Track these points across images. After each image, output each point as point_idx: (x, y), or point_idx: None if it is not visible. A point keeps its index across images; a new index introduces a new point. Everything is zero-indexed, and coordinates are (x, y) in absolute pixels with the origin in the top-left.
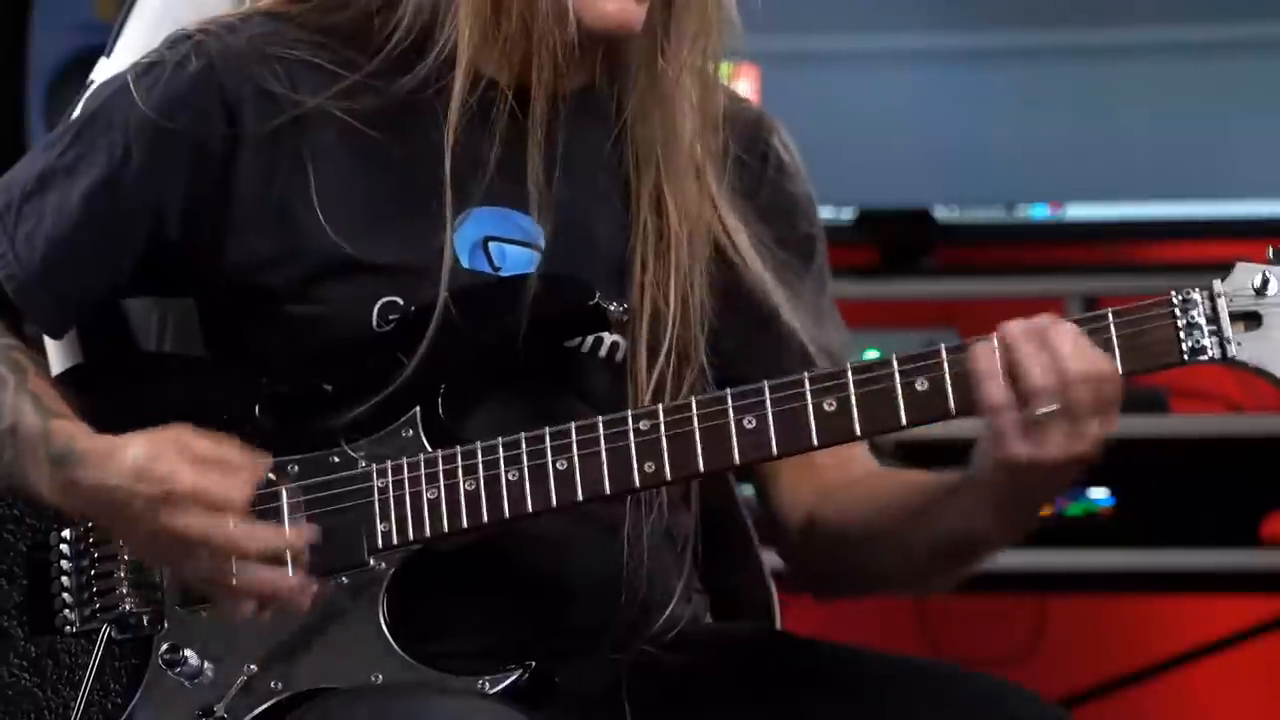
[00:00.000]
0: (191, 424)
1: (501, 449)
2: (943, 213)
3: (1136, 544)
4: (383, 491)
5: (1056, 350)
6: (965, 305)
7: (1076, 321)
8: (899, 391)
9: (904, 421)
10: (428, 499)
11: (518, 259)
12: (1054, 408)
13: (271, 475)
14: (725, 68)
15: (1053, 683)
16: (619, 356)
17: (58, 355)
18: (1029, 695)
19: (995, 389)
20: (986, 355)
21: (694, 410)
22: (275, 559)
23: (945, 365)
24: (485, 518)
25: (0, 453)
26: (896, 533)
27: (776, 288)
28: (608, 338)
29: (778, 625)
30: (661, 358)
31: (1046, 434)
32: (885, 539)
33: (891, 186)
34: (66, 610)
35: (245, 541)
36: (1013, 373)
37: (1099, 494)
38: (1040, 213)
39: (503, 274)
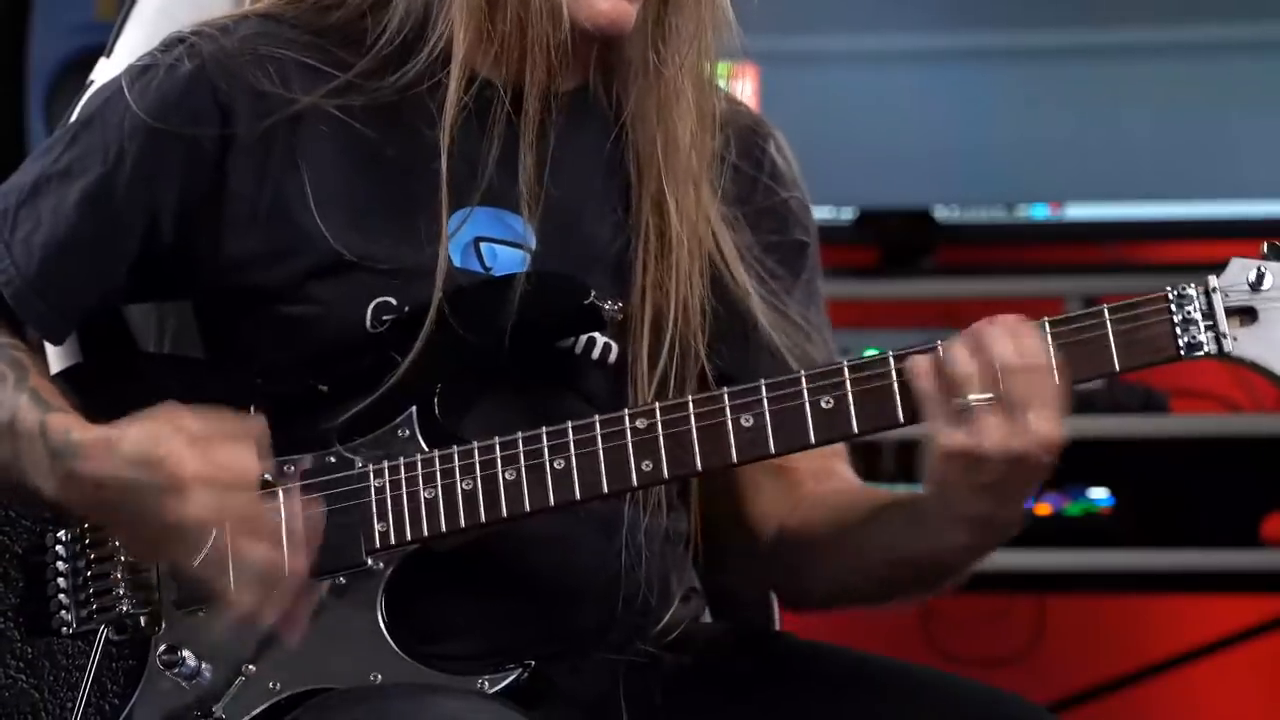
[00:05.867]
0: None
1: (499, 448)
2: (943, 213)
3: (1136, 544)
4: (380, 491)
5: (983, 342)
6: (965, 305)
7: (1071, 317)
8: (895, 389)
9: (901, 419)
10: (425, 499)
11: (508, 259)
12: (986, 397)
13: (268, 476)
14: (724, 68)
15: (1052, 683)
16: (611, 358)
17: (56, 354)
18: (1023, 702)
19: (924, 379)
20: (923, 357)
21: (691, 409)
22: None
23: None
24: (483, 517)
25: None
26: (851, 545)
27: (759, 298)
28: (599, 339)
29: (777, 626)
30: (663, 359)
31: (981, 423)
32: (842, 551)
33: (891, 186)
34: (63, 612)
35: (260, 515)
36: (941, 365)
37: (1098, 494)
38: (1040, 213)
39: (494, 274)
